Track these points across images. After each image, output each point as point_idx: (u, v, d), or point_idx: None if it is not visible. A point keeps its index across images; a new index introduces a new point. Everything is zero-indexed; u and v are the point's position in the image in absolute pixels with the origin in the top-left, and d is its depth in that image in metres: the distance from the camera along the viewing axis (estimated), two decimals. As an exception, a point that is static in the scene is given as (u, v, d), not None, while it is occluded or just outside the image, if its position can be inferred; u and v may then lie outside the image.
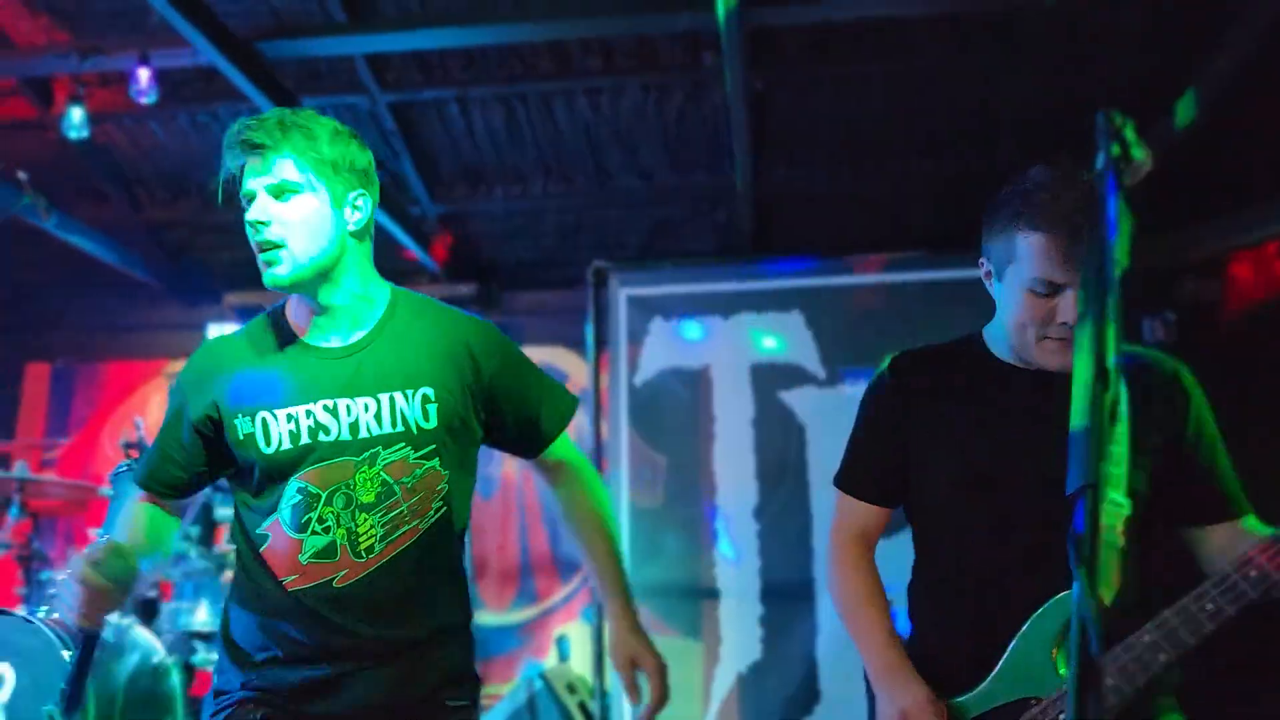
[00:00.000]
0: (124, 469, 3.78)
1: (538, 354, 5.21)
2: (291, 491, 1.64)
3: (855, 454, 1.73)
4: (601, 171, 4.78)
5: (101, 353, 5.65)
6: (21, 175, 4.10)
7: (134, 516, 1.81)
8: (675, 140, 4.58)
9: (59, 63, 3.88)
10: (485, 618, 4.86)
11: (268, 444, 1.64)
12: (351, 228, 1.69)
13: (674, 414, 3.95)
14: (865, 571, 1.68)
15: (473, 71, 4.28)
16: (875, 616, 1.63)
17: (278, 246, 1.64)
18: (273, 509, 1.66)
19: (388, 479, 1.64)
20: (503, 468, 5.12)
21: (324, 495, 1.63)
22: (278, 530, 1.66)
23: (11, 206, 4.16)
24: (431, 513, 1.68)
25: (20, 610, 3.47)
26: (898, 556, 1.74)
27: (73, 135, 3.78)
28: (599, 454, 3.99)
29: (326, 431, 1.64)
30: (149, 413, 5.21)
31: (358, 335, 1.70)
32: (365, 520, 1.62)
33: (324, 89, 4.35)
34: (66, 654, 3.32)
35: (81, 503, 4.60)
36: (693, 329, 3.92)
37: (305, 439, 1.63)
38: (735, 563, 3.75)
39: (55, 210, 4.41)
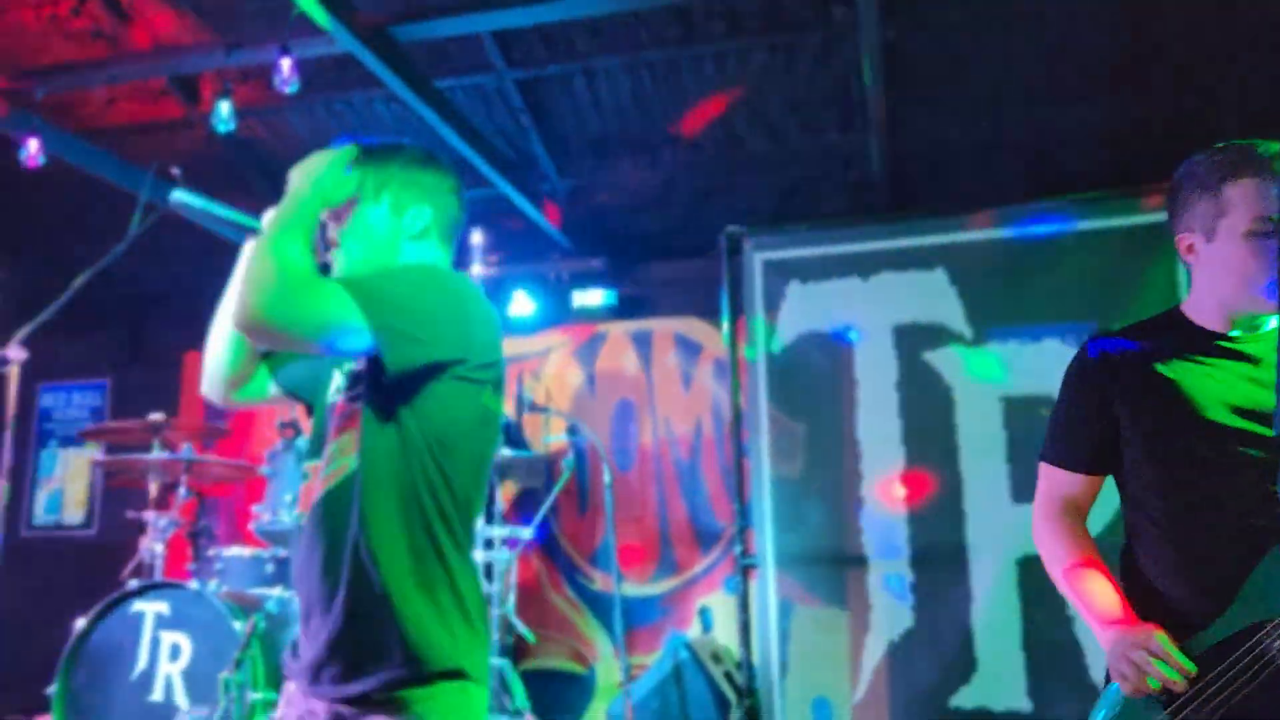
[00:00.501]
0: (280, 448, 3.95)
1: (671, 325, 5.24)
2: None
3: (1063, 428, 1.77)
4: (730, 137, 4.70)
5: (252, 340, 5.90)
6: (175, 171, 4.27)
7: None
8: (805, 100, 4.47)
9: (206, 59, 4.03)
10: (627, 589, 4.89)
11: None
12: (410, 234, 1.75)
13: (814, 380, 3.86)
14: (1081, 536, 1.73)
15: (598, 43, 4.26)
16: (1098, 578, 1.67)
17: None
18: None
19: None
20: (640, 439, 5.13)
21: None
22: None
23: (168, 202, 4.35)
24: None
25: (193, 584, 3.66)
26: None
27: (221, 129, 3.93)
28: (738, 424, 3.94)
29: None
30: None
31: None
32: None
33: (453, 70, 4.40)
34: (237, 625, 3.50)
35: (242, 481, 4.82)
36: (831, 291, 3.82)
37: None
38: (883, 529, 3.66)
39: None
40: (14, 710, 4.91)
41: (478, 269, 3.44)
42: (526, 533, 3.82)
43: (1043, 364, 3.62)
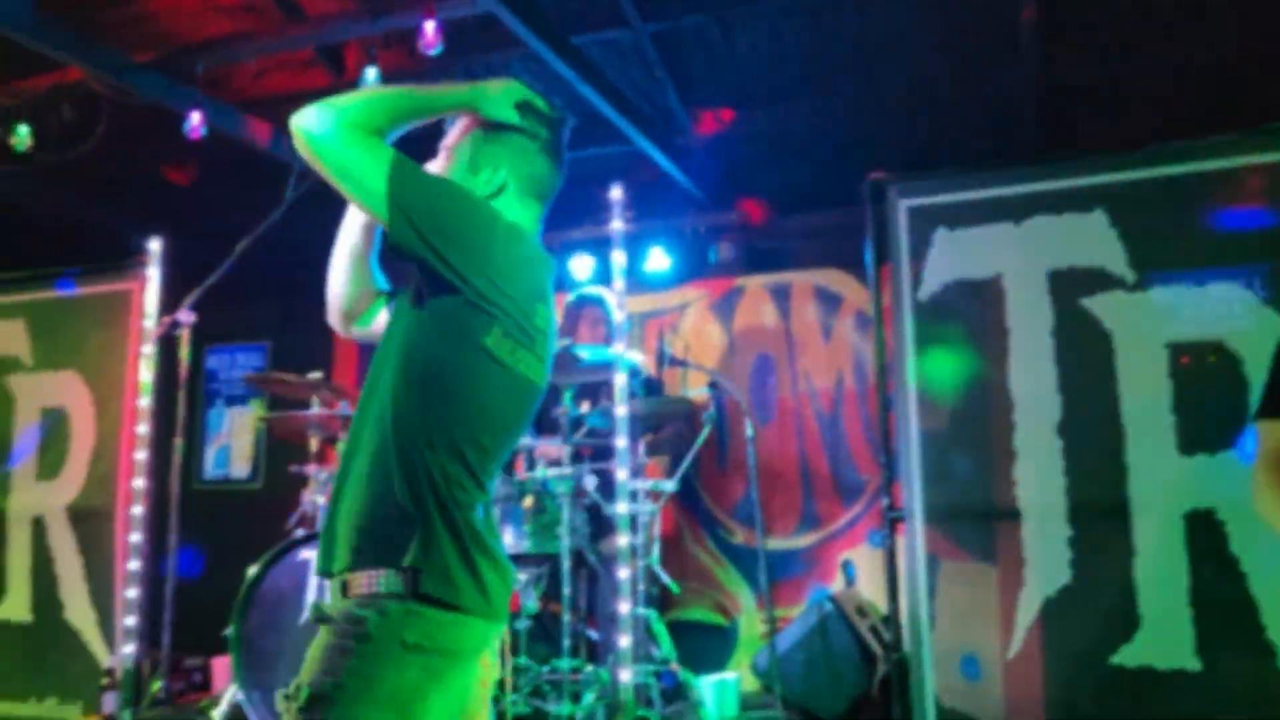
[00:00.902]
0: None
1: (811, 278, 5.17)
2: None
3: None
4: (872, 82, 4.57)
5: (399, 300, 6.10)
6: (324, 138, 4.43)
7: None
8: (950, 41, 4.30)
9: (352, 27, 4.14)
10: (770, 543, 4.89)
11: None
12: (487, 192, 1.82)
13: (962, 329, 3.74)
14: None
15: (734, -9, 4.20)
16: None
17: None
18: None
19: None
20: (779, 393, 5.10)
21: None
22: None
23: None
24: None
25: (354, 533, 3.84)
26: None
27: (369, 82, 4.04)
28: (884, 376, 3.86)
29: None
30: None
31: None
32: None
33: (588, 26, 4.40)
34: (396, 572, 3.65)
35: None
36: (982, 237, 3.68)
37: None
38: (1038, 482, 3.53)
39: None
40: (195, 652, 5.25)
41: (617, 225, 3.45)
42: (670, 485, 3.86)
43: (1211, 309, 3.41)
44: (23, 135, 4.27)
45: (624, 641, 3.20)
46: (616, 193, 3.43)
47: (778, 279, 5.22)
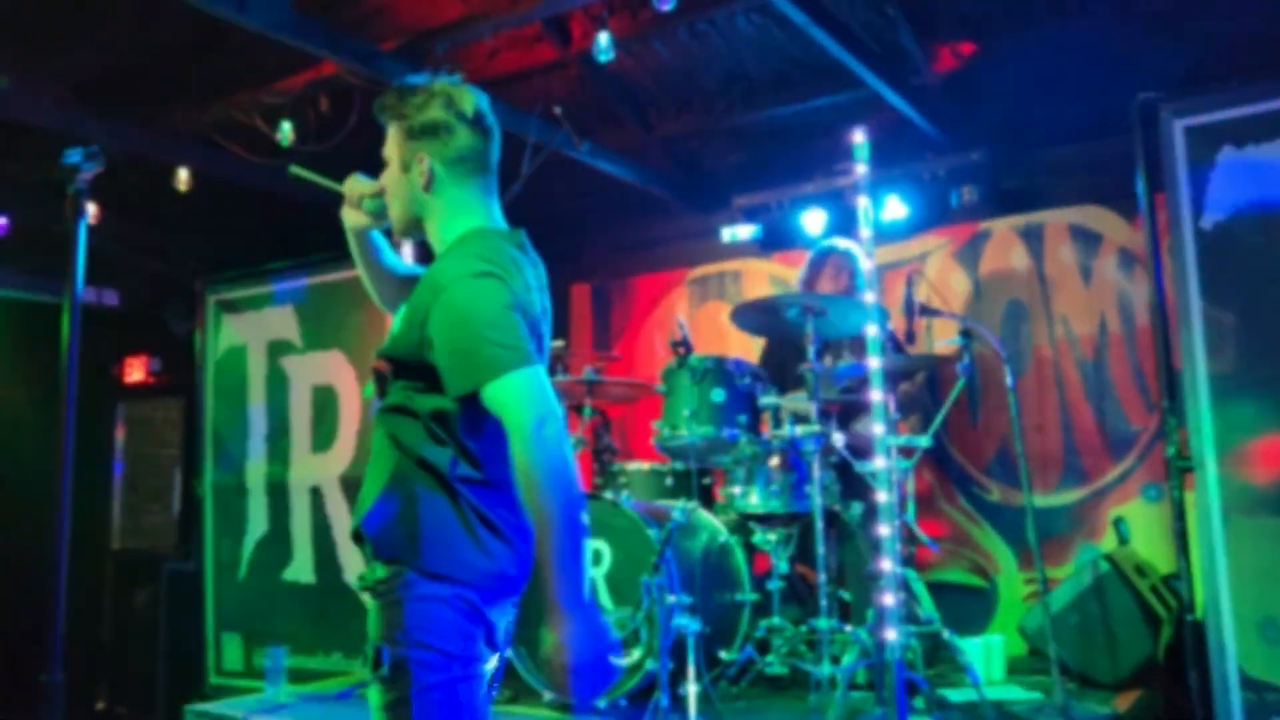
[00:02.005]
0: (674, 365, 4.08)
1: (1065, 216, 4.81)
2: None
3: None
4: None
5: (631, 268, 6.17)
6: (557, 110, 4.50)
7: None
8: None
9: (579, -4, 4.17)
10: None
11: None
12: (421, 187, 1.98)
13: (1252, 261, 3.37)
14: None
15: (969, -87, 3.93)
16: None
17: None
18: None
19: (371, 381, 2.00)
20: (1034, 341, 4.79)
21: None
22: None
23: (551, 141, 4.60)
24: (380, 420, 1.94)
25: (608, 495, 3.91)
26: None
27: (602, 58, 4.07)
28: (1163, 319, 3.54)
29: None
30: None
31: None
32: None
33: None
34: (651, 532, 3.69)
35: (635, 400, 5.08)
36: (1276, 155, 3.29)
37: None
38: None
39: (586, 140, 4.81)
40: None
41: (860, 168, 3.31)
42: (924, 440, 3.70)
43: None
44: (285, 130, 4.57)
45: (888, 600, 3.09)
46: (858, 136, 3.29)
47: (1028, 220, 4.89)
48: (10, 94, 4.48)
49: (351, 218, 2.14)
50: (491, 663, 1.94)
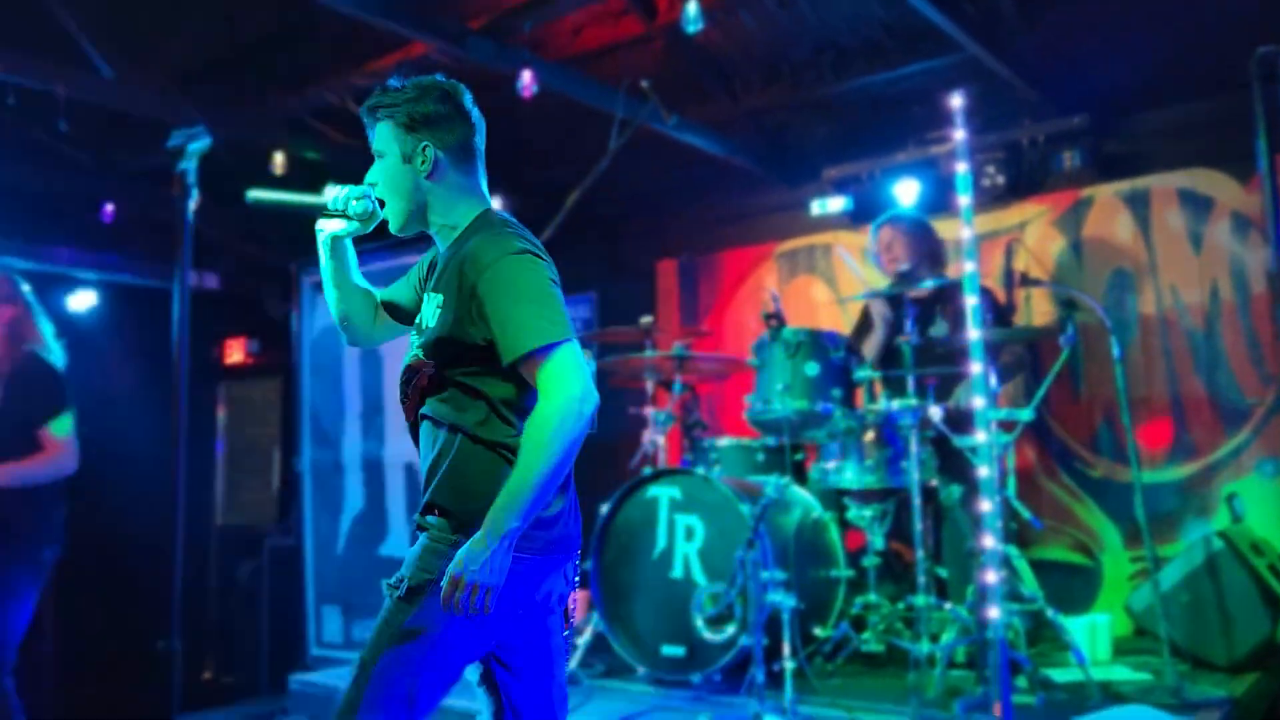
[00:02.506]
0: (766, 339, 4.03)
1: (1172, 180, 4.61)
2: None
3: None
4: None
5: (718, 243, 6.12)
6: (644, 84, 4.47)
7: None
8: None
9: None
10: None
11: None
12: (425, 175, 2.07)
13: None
14: None
15: None
16: None
17: (382, 203, 2.12)
18: None
19: (410, 361, 2.09)
20: (1140, 311, 4.62)
21: None
22: None
23: (639, 115, 4.57)
24: (424, 397, 2.05)
25: (701, 470, 3.89)
26: None
27: (690, 30, 4.02)
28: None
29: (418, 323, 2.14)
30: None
31: (445, 250, 2.12)
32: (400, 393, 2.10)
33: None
34: (744, 508, 3.66)
35: (725, 375, 5.04)
36: None
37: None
38: None
39: (674, 113, 4.77)
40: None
41: (959, 134, 3.21)
42: (1025, 414, 3.59)
43: None
44: (377, 112, 4.62)
45: (991, 578, 3.02)
46: (957, 100, 3.19)
47: (1132, 185, 4.70)
48: (115, 84, 4.62)
49: (334, 225, 2.20)
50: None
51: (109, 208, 5.88)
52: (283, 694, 4.87)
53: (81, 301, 6.58)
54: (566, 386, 1.87)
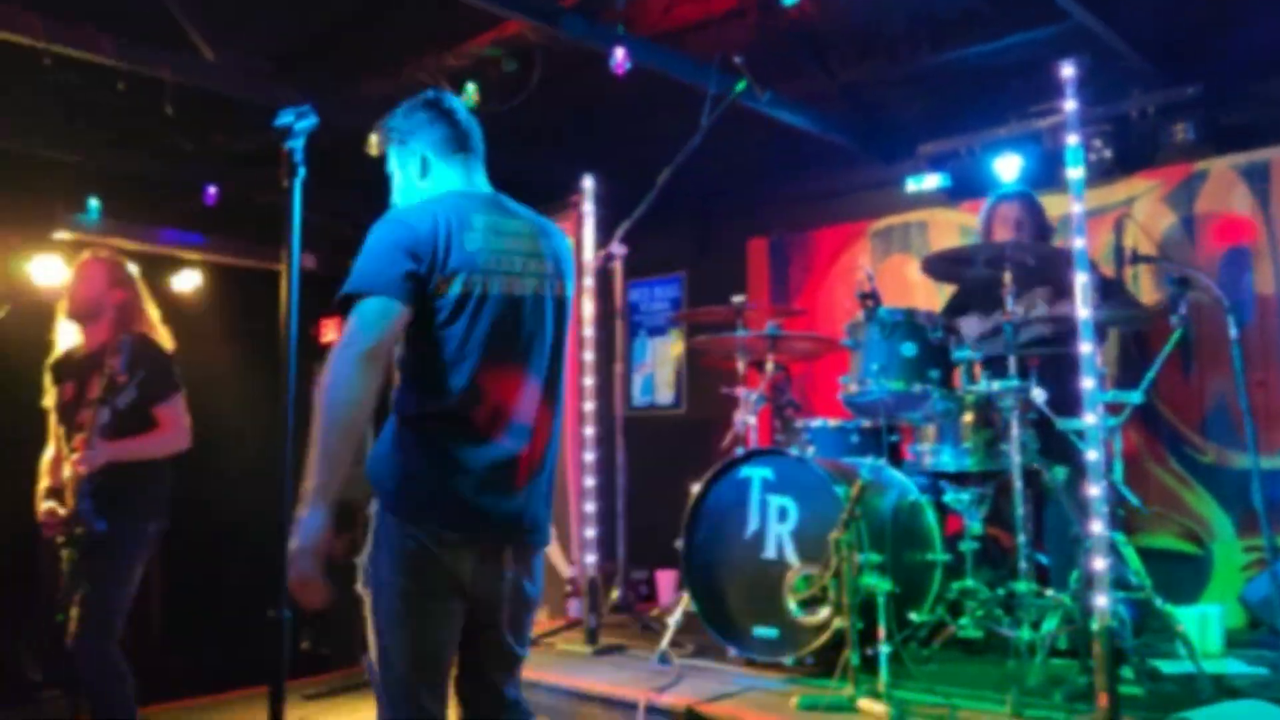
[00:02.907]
0: (862, 319, 3.96)
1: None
2: None
3: None
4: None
5: (811, 221, 6.03)
6: (738, 59, 4.40)
7: None
8: None
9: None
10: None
11: None
12: (419, 175, 2.43)
13: None
14: None
15: None
16: None
17: None
18: None
19: None
20: (1258, 290, 4.41)
21: None
22: None
23: (732, 92, 4.51)
24: None
25: (794, 451, 3.84)
26: None
27: (786, 2, 3.94)
28: None
29: None
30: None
31: None
32: None
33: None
34: (839, 490, 3.61)
35: (818, 355, 4.96)
36: None
37: None
38: None
39: (766, 89, 4.69)
40: (639, 565, 5.61)
41: (1070, 105, 3.09)
42: (1135, 396, 3.46)
43: None
44: (470, 92, 4.66)
45: (1098, 565, 2.92)
46: (1067, 69, 3.07)
47: (1251, 158, 4.48)
48: (217, 68, 4.73)
49: None
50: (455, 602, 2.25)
51: (211, 190, 6.03)
52: (376, 666, 4.98)
53: (186, 282, 6.79)
54: (343, 337, 2.16)
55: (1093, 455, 3.00)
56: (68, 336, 4.41)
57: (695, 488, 3.97)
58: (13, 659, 6.11)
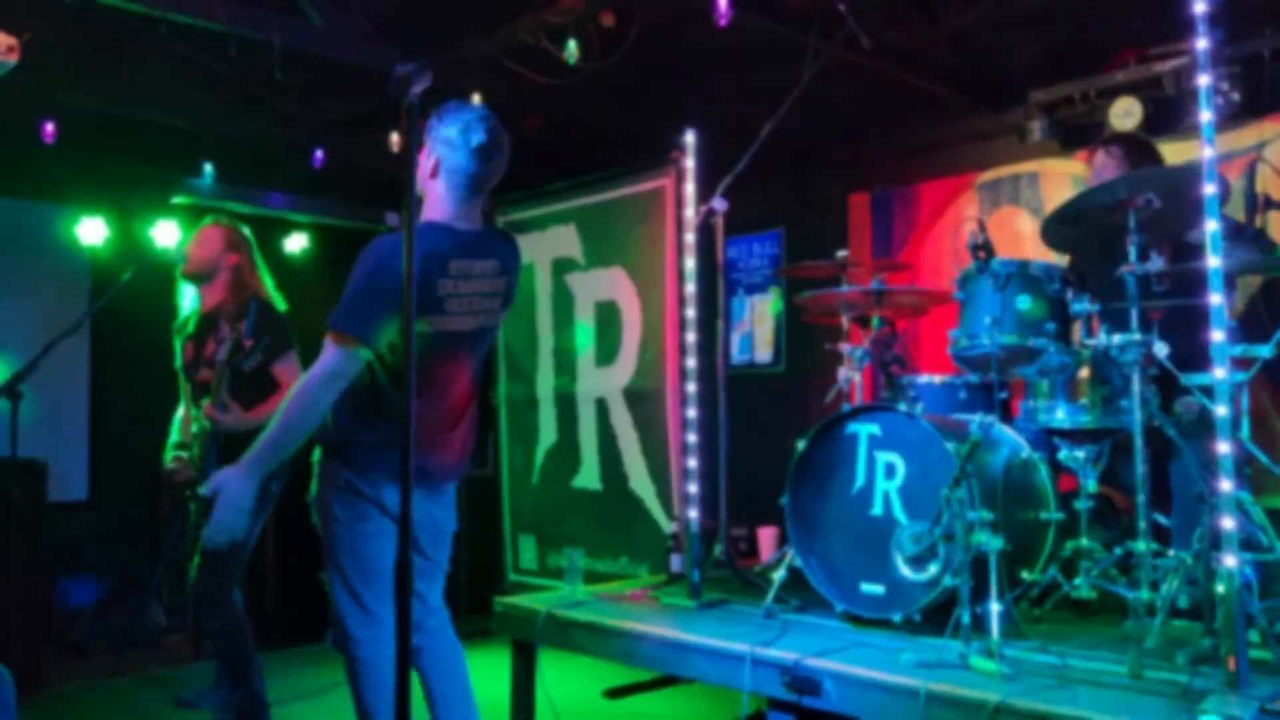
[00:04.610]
0: (974, 270, 3.85)
1: None
2: None
3: None
4: None
5: (915, 174, 5.89)
6: (841, 7, 4.30)
7: None
8: None
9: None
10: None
11: None
12: (427, 172, 2.91)
13: None
14: None
15: None
16: None
17: None
18: None
19: None
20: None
21: None
22: None
23: (834, 41, 4.41)
24: None
25: (902, 407, 3.78)
26: None
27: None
28: None
29: None
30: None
31: None
32: None
33: None
34: (949, 445, 3.54)
35: (923, 310, 4.86)
36: None
37: None
38: None
39: (869, 38, 4.57)
40: (739, 522, 5.61)
41: (1202, 43, 2.93)
42: (1265, 350, 3.30)
43: None
44: (571, 49, 4.65)
45: (1227, 524, 2.81)
46: (1200, 5, 2.90)
47: (1396, 97, 4.22)
48: (325, 32, 4.82)
49: None
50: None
51: (319, 154, 6.17)
52: (486, 616, 5.09)
53: (295, 244, 6.98)
54: (321, 367, 2.73)
55: (1222, 410, 2.88)
56: (187, 299, 4.59)
57: (800, 444, 3.94)
58: (139, 605, 6.44)
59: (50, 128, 5.62)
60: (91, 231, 6.29)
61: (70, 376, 6.57)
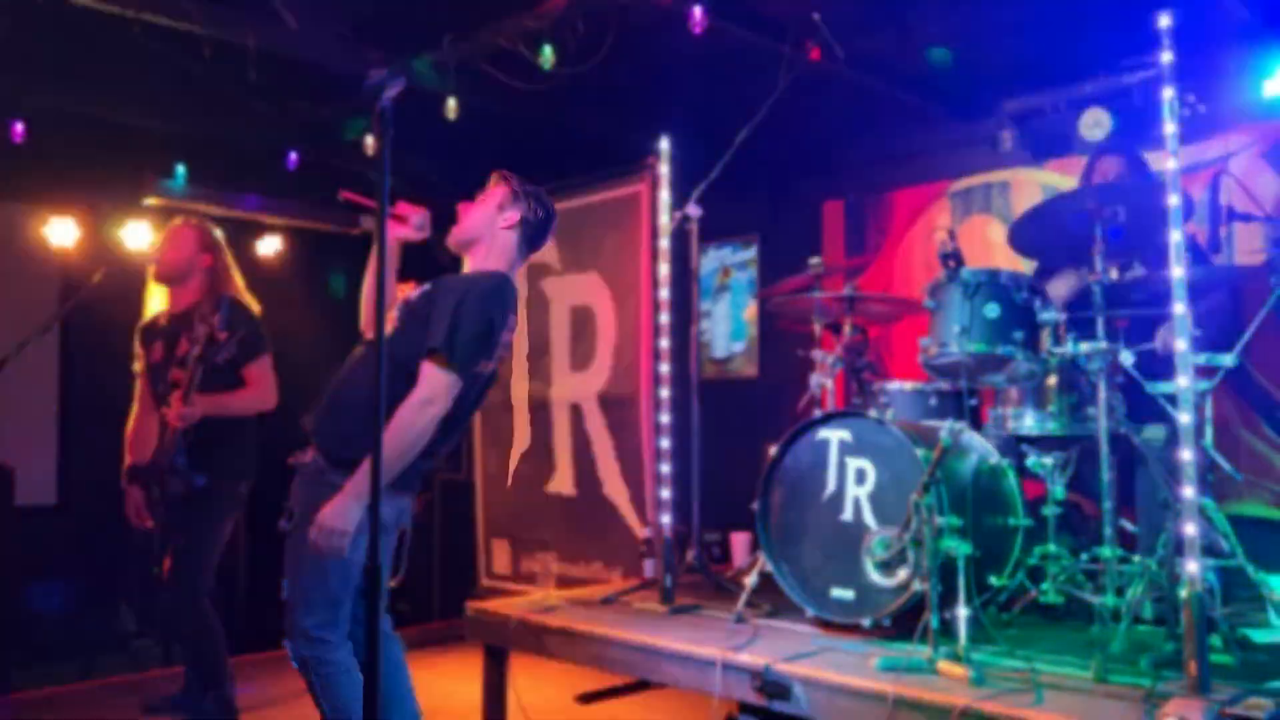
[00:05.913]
0: (944, 279, 3.89)
1: None
2: None
3: None
4: None
5: (887, 182, 5.93)
6: (815, 16, 4.34)
7: None
8: None
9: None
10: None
11: None
12: (500, 225, 3.32)
13: None
14: None
15: None
16: None
17: None
18: None
19: None
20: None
21: None
22: None
23: (807, 50, 4.45)
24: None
25: (873, 413, 3.81)
26: None
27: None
28: None
29: None
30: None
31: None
32: None
33: None
34: (919, 452, 3.57)
35: (895, 318, 4.90)
36: None
37: None
38: None
39: (841, 48, 4.62)
40: (712, 527, 5.62)
41: (1167, 56, 2.99)
42: (1228, 359, 3.35)
43: None
44: (547, 54, 4.65)
45: (1189, 530, 2.85)
46: (1164, 19, 2.96)
47: (1359, 111, 4.30)
48: (300, 35, 4.80)
49: (401, 231, 3.31)
50: None
51: (293, 156, 6.14)
52: (457, 620, 5.08)
53: (268, 247, 6.94)
54: (430, 394, 2.89)
55: (1185, 418, 2.92)
56: (155, 301, 4.55)
57: (772, 449, 3.96)
58: (108, 610, 6.38)
59: (20, 127, 5.57)
60: (61, 232, 6.23)
61: (39, 379, 6.50)
